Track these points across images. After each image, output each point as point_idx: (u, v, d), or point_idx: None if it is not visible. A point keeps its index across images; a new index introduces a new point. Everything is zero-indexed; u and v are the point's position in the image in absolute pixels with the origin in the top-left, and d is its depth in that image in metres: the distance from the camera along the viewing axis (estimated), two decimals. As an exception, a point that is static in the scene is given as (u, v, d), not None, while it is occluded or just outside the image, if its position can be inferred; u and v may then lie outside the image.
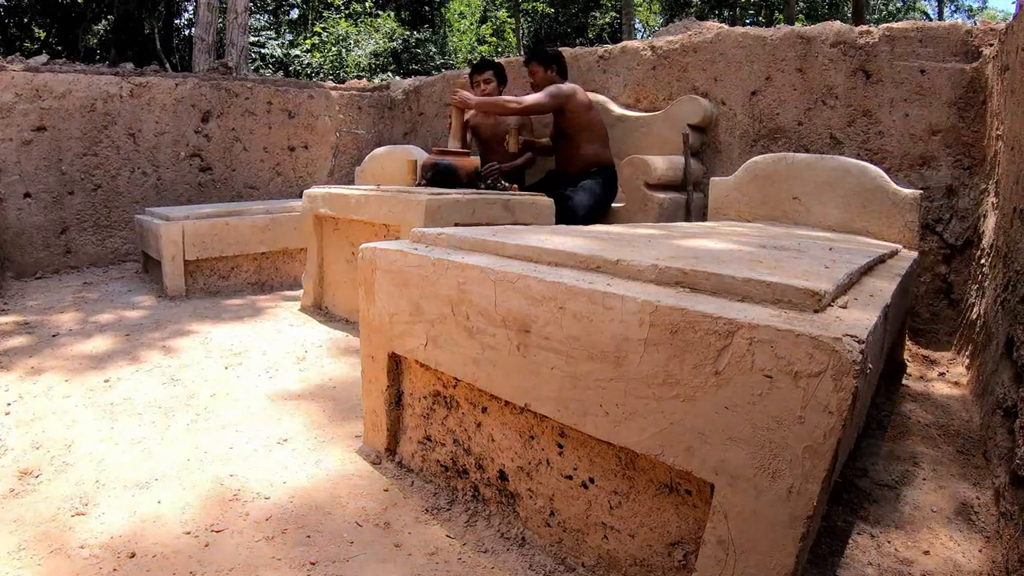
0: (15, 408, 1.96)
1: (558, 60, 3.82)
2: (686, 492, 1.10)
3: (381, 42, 15.53)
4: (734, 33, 3.58)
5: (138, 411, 1.96)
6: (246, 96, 4.89)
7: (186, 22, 18.32)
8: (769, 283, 1.05)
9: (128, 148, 4.39)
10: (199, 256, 3.49)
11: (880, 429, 1.97)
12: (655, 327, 1.03)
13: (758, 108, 3.48)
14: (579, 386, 1.15)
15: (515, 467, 1.36)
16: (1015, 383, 1.62)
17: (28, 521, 1.36)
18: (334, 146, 5.33)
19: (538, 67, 3.78)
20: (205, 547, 1.29)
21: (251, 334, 2.81)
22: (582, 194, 3.42)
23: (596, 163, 3.58)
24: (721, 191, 3.15)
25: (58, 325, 2.87)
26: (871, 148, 3.15)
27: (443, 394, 1.53)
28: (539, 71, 3.78)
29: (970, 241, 2.94)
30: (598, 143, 3.61)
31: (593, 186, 3.50)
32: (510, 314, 1.25)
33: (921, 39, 3.00)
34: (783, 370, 0.91)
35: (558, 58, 3.82)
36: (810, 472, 0.90)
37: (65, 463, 1.62)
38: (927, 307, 3.04)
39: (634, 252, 1.33)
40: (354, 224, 2.99)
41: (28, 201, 4.03)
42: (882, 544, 1.36)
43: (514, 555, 1.28)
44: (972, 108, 2.90)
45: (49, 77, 4.06)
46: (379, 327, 1.60)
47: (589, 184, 3.50)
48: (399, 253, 1.52)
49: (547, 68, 3.78)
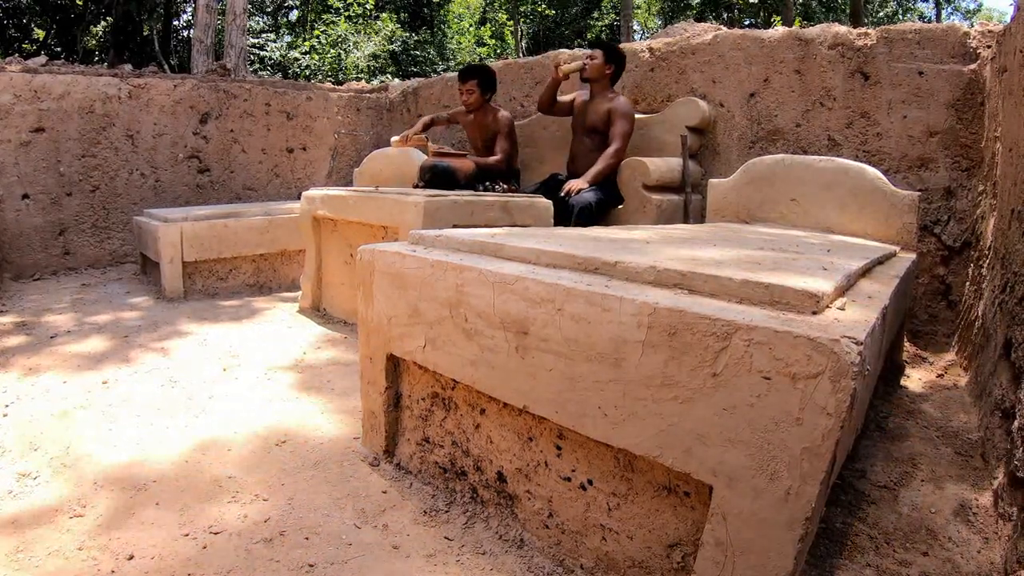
0: (13, 409, 1.95)
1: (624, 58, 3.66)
2: (684, 494, 1.10)
3: (380, 44, 15.55)
4: (732, 35, 3.59)
5: (136, 412, 1.95)
6: (245, 98, 4.89)
7: (185, 24, 18.33)
8: (767, 285, 1.05)
9: (126, 149, 4.39)
10: (197, 258, 3.49)
11: (878, 431, 1.97)
12: (653, 329, 1.03)
13: (756, 110, 3.49)
14: (577, 388, 1.15)
15: (513, 469, 1.36)
16: (1013, 384, 1.62)
17: (26, 523, 1.36)
18: (332, 148, 5.33)
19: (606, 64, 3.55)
20: (203, 549, 1.28)
21: (249, 336, 2.81)
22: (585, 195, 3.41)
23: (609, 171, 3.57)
24: (719, 193, 3.15)
25: (56, 326, 2.86)
26: (869, 150, 3.16)
27: (441, 396, 1.53)
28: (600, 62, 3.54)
29: (968, 243, 2.94)
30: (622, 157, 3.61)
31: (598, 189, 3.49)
32: (508, 316, 1.25)
33: (919, 41, 3.01)
34: (781, 372, 0.91)
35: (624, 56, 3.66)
36: (808, 473, 0.90)
37: (63, 464, 1.62)
38: (925, 309, 3.05)
39: (632, 254, 1.33)
40: (352, 226, 2.99)
41: (26, 202, 4.03)
42: (880, 545, 1.36)
43: (512, 557, 1.28)
44: (970, 110, 2.91)
45: (48, 78, 4.06)
46: (377, 329, 1.60)
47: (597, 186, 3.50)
48: (397, 255, 1.52)
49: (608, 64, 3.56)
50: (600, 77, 3.58)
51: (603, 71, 3.57)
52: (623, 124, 3.49)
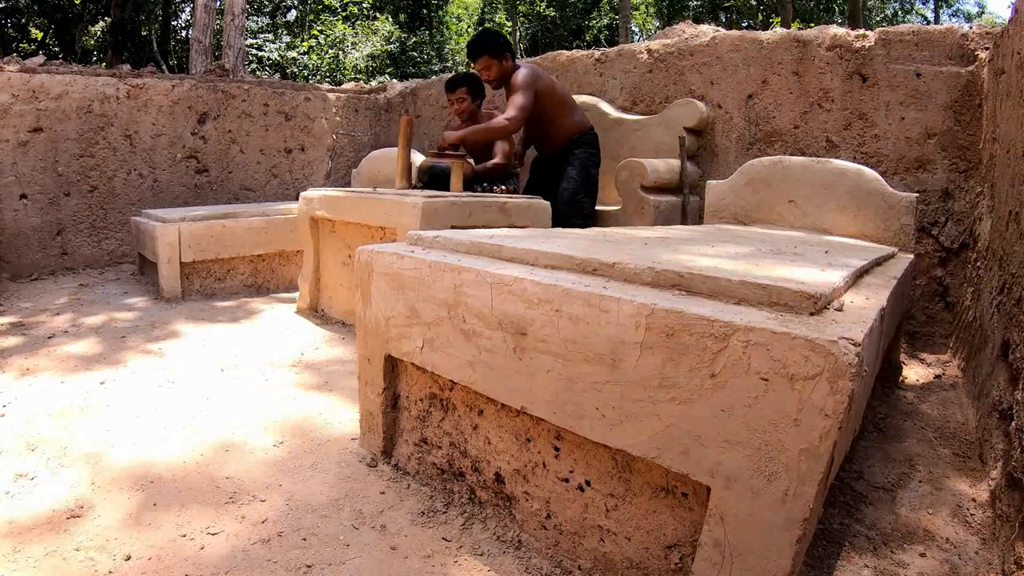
0: (10, 410, 1.95)
1: (509, 45, 3.38)
2: (682, 495, 1.10)
3: (378, 45, 15.55)
4: (730, 36, 3.59)
5: (133, 413, 1.95)
6: (243, 98, 4.89)
7: (183, 24, 18.31)
8: (765, 286, 1.05)
9: (124, 150, 4.38)
10: (195, 258, 3.48)
11: (876, 431, 1.97)
12: (651, 330, 1.03)
13: (754, 111, 3.49)
14: (575, 389, 1.15)
15: (511, 470, 1.36)
16: (1011, 385, 1.62)
17: (23, 523, 1.35)
18: (331, 148, 5.33)
19: (492, 60, 3.29)
20: (201, 550, 1.28)
21: (247, 336, 2.80)
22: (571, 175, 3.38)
23: (578, 130, 3.50)
24: (717, 194, 3.16)
25: (54, 326, 2.86)
26: (867, 151, 3.16)
27: (439, 397, 1.53)
28: (494, 64, 3.30)
29: (966, 244, 2.95)
30: (573, 111, 3.50)
31: (582, 156, 3.45)
32: (506, 317, 1.25)
33: (917, 43, 3.01)
34: (779, 373, 0.91)
35: (508, 43, 3.39)
36: (806, 474, 0.90)
37: (60, 465, 1.61)
38: (923, 310, 3.05)
39: (630, 255, 1.33)
40: (350, 227, 2.98)
41: (24, 202, 4.02)
42: (878, 546, 1.36)
43: (510, 558, 1.28)
44: (968, 111, 2.92)
45: (46, 78, 4.05)
46: (375, 330, 1.59)
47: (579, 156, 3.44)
48: (395, 256, 1.52)
49: (502, 57, 3.30)
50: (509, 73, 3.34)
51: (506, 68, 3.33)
52: (515, 96, 3.22)
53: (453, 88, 3.66)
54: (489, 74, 3.36)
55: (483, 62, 3.32)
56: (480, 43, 3.33)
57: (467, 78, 3.69)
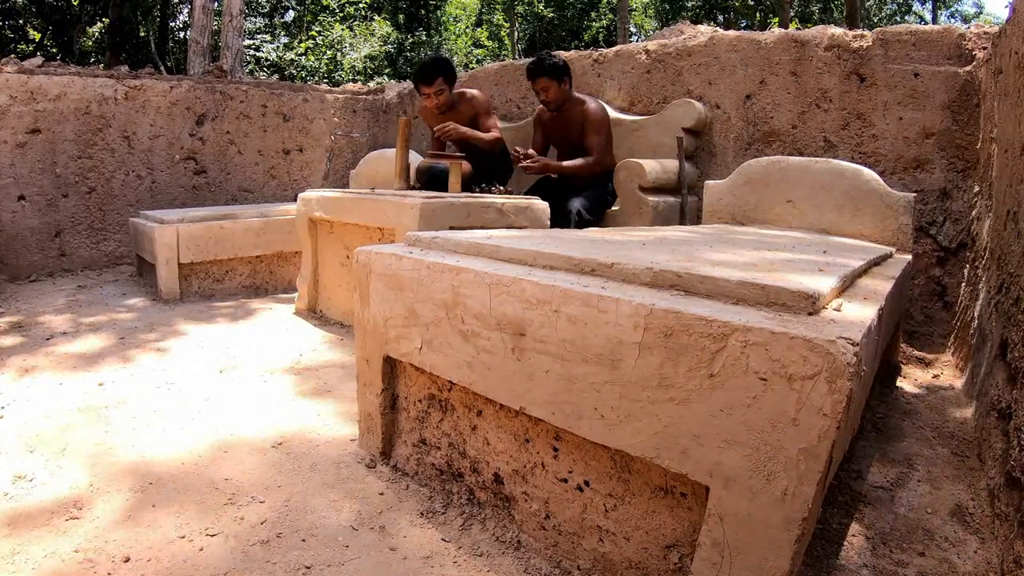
0: (9, 411, 1.95)
1: (568, 70, 3.51)
2: (681, 495, 1.10)
3: (376, 45, 15.55)
4: (728, 37, 3.59)
5: (132, 414, 1.95)
6: (241, 99, 4.88)
7: (181, 25, 18.30)
8: (763, 286, 1.05)
9: (123, 151, 4.38)
10: (193, 259, 3.48)
11: (875, 431, 1.97)
12: (650, 330, 1.03)
13: (752, 111, 3.49)
14: (574, 389, 1.15)
15: (510, 470, 1.36)
16: (1009, 385, 1.63)
17: (22, 525, 1.35)
18: (329, 149, 5.33)
19: (551, 82, 3.45)
20: (200, 551, 1.28)
21: (246, 337, 2.80)
22: (582, 197, 3.41)
23: (608, 167, 3.59)
24: (715, 194, 3.16)
25: (52, 327, 2.85)
26: (865, 151, 3.16)
27: (438, 397, 1.53)
28: (552, 86, 3.46)
29: (964, 244, 2.95)
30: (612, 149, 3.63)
31: (600, 189, 3.50)
32: (505, 317, 1.25)
33: (915, 43, 3.02)
34: (777, 373, 0.91)
35: (568, 68, 3.51)
36: (805, 474, 0.90)
37: (59, 466, 1.61)
38: (921, 309, 3.05)
39: (629, 255, 1.33)
40: (349, 227, 2.98)
41: (22, 204, 4.02)
42: (877, 546, 1.36)
43: (509, 559, 1.28)
44: (966, 111, 2.92)
45: (44, 79, 4.05)
46: (374, 330, 1.59)
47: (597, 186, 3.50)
48: (394, 257, 1.52)
49: (561, 81, 3.47)
50: (565, 97, 3.52)
51: (564, 93, 3.50)
52: (596, 137, 3.47)
53: (430, 81, 3.44)
54: (547, 95, 3.51)
55: (542, 83, 3.48)
56: (541, 65, 3.47)
57: (439, 63, 3.49)
